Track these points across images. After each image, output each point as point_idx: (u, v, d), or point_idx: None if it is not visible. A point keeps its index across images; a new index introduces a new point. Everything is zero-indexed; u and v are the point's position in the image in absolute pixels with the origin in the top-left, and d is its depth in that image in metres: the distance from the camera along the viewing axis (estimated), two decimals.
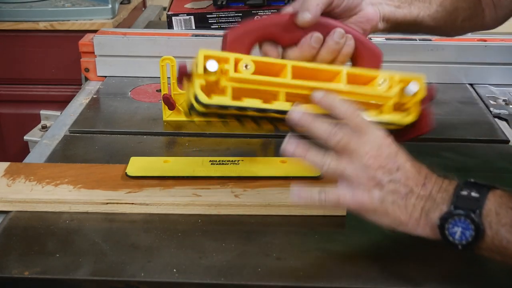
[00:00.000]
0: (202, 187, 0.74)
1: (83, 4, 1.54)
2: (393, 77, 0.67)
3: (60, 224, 0.70)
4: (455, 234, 0.57)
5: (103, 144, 0.91)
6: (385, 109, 0.67)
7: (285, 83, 0.65)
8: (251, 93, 0.65)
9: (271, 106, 0.65)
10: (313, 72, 0.67)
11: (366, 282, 0.62)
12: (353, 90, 0.66)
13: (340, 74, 0.67)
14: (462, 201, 0.57)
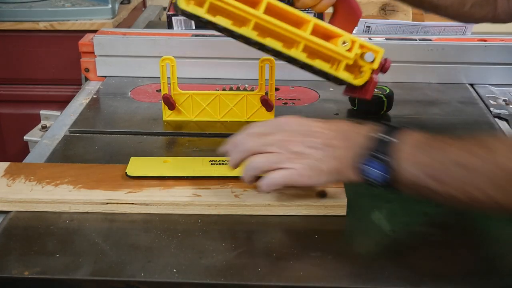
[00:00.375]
0: (202, 187, 0.74)
1: (83, 4, 1.54)
2: (355, 41, 0.75)
3: (60, 224, 0.70)
4: (372, 174, 0.63)
5: (103, 144, 0.91)
6: (340, 66, 0.76)
7: (255, 15, 0.73)
8: (226, 14, 0.73)
9: (239, 30, 0.73)
10: (285, 13, 0.75)
11: (366, 282, 0.62)
12: (315, 40, 0.74)
13: (308, 23, 0.74)
14: (376, 143, 0.63)
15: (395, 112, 1.01)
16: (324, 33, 0.76)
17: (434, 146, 0.61)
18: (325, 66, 0.77)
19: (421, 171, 0.60)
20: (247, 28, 0.74)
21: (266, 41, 0.75)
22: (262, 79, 0.92)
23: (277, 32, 0.75)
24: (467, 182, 0.59)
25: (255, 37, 0.74)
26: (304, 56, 0.76)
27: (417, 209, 0.74)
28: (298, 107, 1.04)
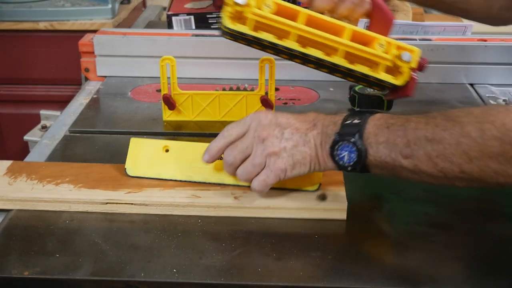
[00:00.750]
0: (202, 189, 0.74)
1: (83, 4, 1.54)
2: (392, 43, 0.79)
3: (60, 224, 0.70)
4: (343, 158, 0.65)
5: (103, 144, 0.91)
6: (380, 68, 0.79)
7: (296, 27, 0.77)
8: (269, 29, 0.78)
9: (282, 43, 0.78)
10: (324, 23, 0.78)
11: (366, 282, 0.62)
12: (354, 45, 0.78)
13: (346, 30, 0.78)
14: (345, 128, 0.65)
15: (395, 112, 1.01)
16: (361, 38, 0.79)
17: (400, 124, 0.63)
18: (365, 69, 0.80)
19: (389, 150, 0.63)
20: (290, 40, 0.78)
21: (308, 50, 0.78)
22: (262, 79, 0.92)
23: (318, 42, 0.78)
24: (435, 155, 0.60)
25: (297, 48, 0.78)
26: (345, 62, 0.79)
27: (417, 209, 0.74)
28: (298, 107, 1.04)
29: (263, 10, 0.77)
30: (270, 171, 0.68)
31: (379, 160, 0.64)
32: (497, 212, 0.74)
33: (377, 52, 0.78)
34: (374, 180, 0.80)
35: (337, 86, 1.12)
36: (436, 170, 0.61)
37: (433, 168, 0.61)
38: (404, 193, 0.77)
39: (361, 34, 0.79)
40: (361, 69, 0.80)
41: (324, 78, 1.13)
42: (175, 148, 0.78)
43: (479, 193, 0.78)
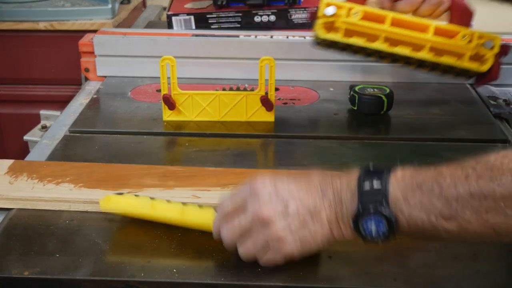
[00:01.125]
0: (202, 189, 0.74)
1: (83, 4, 1.54)
2: (474, 34, 0.86)
3: (60, 224, 0.70)
4: (371, 232, 0.57)
5: (103, 144, 0.91)
6: (465, 58, 0.87)
7: (383, 29, 0.86)
8: (358, 34, 0.87)
9: (372, 45, 0.87)
10: (408, 23, 0.86)
11: (366, 282, 0.62)
12: (438, 40, 0.86)
13: (430, 27, 0.86)
14: (366, 196, 0.56)
15: (395, 112, 1.01)
16: (444, 33, 0.87)
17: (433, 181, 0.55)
18: (451, 61, 0.87)
19: (426, 213, 0.55)
20: (379, 42, 0.86)
21: (397, 49, 0.87)
22: (262, 79, 0.92)
23: (405, 40, 0.86)
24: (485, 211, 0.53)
25: (386, 48, 0.86)
26: (431, 56, 0.86)
27: None
28: (298, 107, 1.04)
29: (351, 17, 0.85)
30: (276, 254, 0.60)
31: (415, 226, 0.55)
32: None
33: (461, 44, 0.85)
34: None
35: (337, 86, 1.12)
36: (486, 228, 0.53)
37: (482, 226, 0.53)
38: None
39: (444, 29, 0.86)
40: (448, 61, 0.87)
41: (324, 78, 1.14)
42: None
43: None
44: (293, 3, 1.23)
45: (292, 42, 1.13)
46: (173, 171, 0.78)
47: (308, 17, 0.91)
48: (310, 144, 0.92)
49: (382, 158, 0.87)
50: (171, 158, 0.90)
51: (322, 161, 0.86)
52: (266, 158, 0.91)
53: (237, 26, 1.24)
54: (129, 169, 0.79)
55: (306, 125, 0.98)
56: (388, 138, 0.94)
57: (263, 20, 1.24)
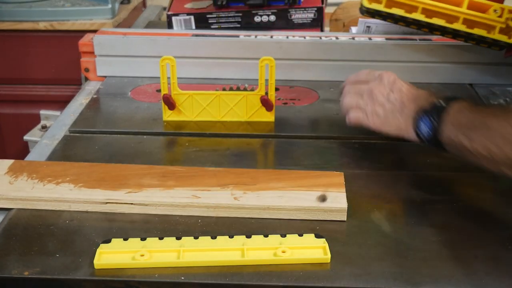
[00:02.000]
0: (202, 189, 0.74)
1: (83, 4, 1.54)
2: (505, 8, 0.94)
3: (60, 224, 0.71)
4: (422, 131, 0.76)
5: (103, 144, 0.91)
6: (495, 30, 0.96)
7: (422, 1, 0.96)
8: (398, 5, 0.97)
9: (410, 15, 0.97)
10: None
11: (366, 282, 0.62)
12: (471, 13, 0.95)
13: (464, 1, 0.95)
14: (431, 107, 0.76)
15: None
16: (477, 6, 0.95)
17: (472, 111, 0.72)
18: (483, 33, 0.96)
19: (457, 131, 0.72)
20: (417, 13, 0.96)
21: (433, 20, 0.96)
22: (262, 79, 0.92)
23: (440, 12, 0.96)
24: (487, 139, 0.68)
25: (423, 19, 0.96)
26: (464, 27, 0.96)
27: (417, 209, 0.74)
28: (298, 107, 1.04)
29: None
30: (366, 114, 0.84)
31: (448, 138, 0.73)
32: (498, 212, 0.74)
33: (492, 17, 0.94)
34: (374, 180, 0.81)
35: (337, 86, 1.12)
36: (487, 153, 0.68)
37: (485, 151, 0.68)
38: (404, 193, 0.77)
39: (477, 2, 0.95)
40: (480, 32, 0.96)
41: (324, 78, 1.14)
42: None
43: (480, 193, 0.78)
44: (293, 3, 1.23)
45: (292, 42, 1.13)
46: (173, 171, 0.78)
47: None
48: (310, 144, 0.92)
49: (382, 158, 0.87)
50: (171, 158, 0.90)
51: (322, 161, 0.86)
52: (266, 158, 0.91)
53: (237, 26, 1.24)
54: (129, 169, 0.79)
55: (306, 125, 0.98)
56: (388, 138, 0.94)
57: (263, 20, 1.24)
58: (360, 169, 0.84)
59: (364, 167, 0.84)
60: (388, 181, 0.81)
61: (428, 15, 0.97)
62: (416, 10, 0.97)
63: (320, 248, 0.65)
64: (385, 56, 1.11)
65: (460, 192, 0.78)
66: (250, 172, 0.79)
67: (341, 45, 1.12)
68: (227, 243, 0.66)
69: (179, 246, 0.65)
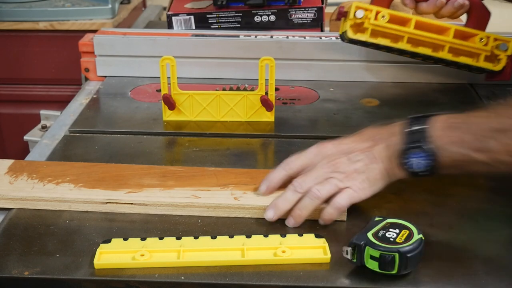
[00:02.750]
0: (202, 189, 0.74)
1: (83, 4, 1.54)
2: (490, 37, 0.95)
3: (60, 224, 0.71)
4: (413, 165, 0.68)
5: (103, 144, 0.91)
6: (481, 58, 0.96)
7: (407, 31, 0.94)
8: (384, 35, 0.95)
9: (396, 45, 0.96)
10: (429, 25, 0.94)
11: (366, 282, 0.62)
12: (458, 42, 0.95)
13: (450, 30, 0.94)
14: (409, 137, 0.68)
15: (395, 112, 1.01)
16: (462, 35, 0.95)
17: (462, 122, 0.67)
18: (468, 61, 0.97)
19: (462, 148, 0.65)
20: (402, 42, 0.95)
21: (419, 49, 0.96)
22: (262, 79, 0.92)
23: (426, 41, 0.95)
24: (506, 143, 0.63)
25: (409, 48, 0.95)
26: (450, 56, 0.96)
27: (417, 209, 0.74)
28: (298, 107, 1.04)
29: (379, 20, 0.93)
30: (352, 191, 0.69)
31: (451, 160, 0.66)
32: (498, 212, 0.74)
33: (477, 45, 0.94)
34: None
35: (337, 86, 1.12)
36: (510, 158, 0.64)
37: (506, 155, 0.64)
38: (404, 193, 0.77)
39: (462, 31, 0.95)
40: (465, 61, 0.97)
41: (324, 78, 1.14)
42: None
43: (479, 193, 0.78)
44: (293, 3, 1.23)
45: (292, 42, 1.13)
46: (173, 171, 0.78)
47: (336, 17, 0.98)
48: (310, 144, 0.91)
49: None
50: (171, 158, 0.90)
51: None
52: (266, 158, 0.91)
53: (237, 26, 1.24)
54: (129, 169, 0.79)
55: (306, 125, 0.98)
56: None
57: (263, 20, 1.24)
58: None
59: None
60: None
61: (414, 45, 0.96)
62: (401, 39, 0.95)
63: (320, 248, 0.65)
64: (385, 56, 1.11)
65: (460, 192, 0.78)
66: (250, 172, 0.79)
67: (341, 45, 1.12)
68: (227, 243, 0.66)
69: (179, 246, 0.65)
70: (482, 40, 0.95)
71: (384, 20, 0.93)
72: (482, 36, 0.95)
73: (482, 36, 0.95)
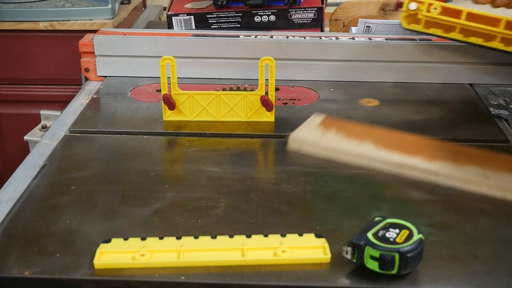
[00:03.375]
0: (493, 170, 0.80)
1: (83, 4, 1.54)
2: None
3: (60, 224, 0.71)
4: None
5: (103, 144, 0.91)
6: None
7: (459, 22, 0.96)
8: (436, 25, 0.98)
9: (448, 35, 0.98)
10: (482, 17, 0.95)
11: (366, 282, 0.62)
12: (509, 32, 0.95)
13: (501, 21, 0.95)
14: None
15: (395, 112, 1.01)
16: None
17: None
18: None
19: None
20: (455, 33, 0.97)
21: (471, 39, 0.98)
22: (262, 79, 0.92)
23: (478, 32, 0.97)
24: None
25: (461, 38, 0.98)
26: (502, 45, 0.97)
27: (417, 209, 0.74)
28: (298, 107, 1.04)
29: (431, 12, 0.96)
30: None
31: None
32: (497, 212, 0.74)
33: None
34: (374, 180, 0.81)
35: (337, 86, 1.12)
36: None
37: None
38: (404, 193, 0.77)
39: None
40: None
41: (324, 78, 1.14)
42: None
43: (479, 193, 0.78)
44: (293, 3, 1.23)
45: (292, 42, 1.13)
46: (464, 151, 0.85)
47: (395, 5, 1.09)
48: None
49: None
50: (171, 158, 0.90)
51: (322, 161, 0.86)
52: (266, 158, 0.91)
53: (237, 26, 1.24)
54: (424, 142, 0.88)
55: None
56: None
57: (263, 20, 1.24)
58: (360, 169, 0.84)
59: (364, 167, 0.84)
60: (388, 181, 0.81)
61: (466, 35, 0.98)
62: (453, 30, 0.98)
63: (320, 248, 0.65)
64: (385, 56, 1.11)
65: (460, 192, 0.78)
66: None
67: (341, 45, 1.12)
68: (227, 243, 0.66)
69: (179, 246, 0.65)
70: None
71: (436, 12, 0.96)
72: None
73: None
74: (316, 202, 0.76)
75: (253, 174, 0.83)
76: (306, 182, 0.80)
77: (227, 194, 0.77)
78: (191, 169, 0.83)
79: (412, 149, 0.84)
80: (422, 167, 0.81)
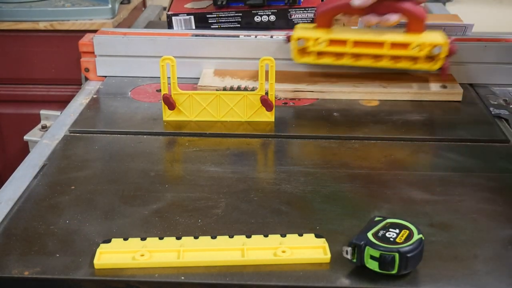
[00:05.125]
0: None
1: (83, 4, 1.53)
2: (425, 43, 1.02)
3: (60, 224, 0.71)
4: None
5: (103, 144, 0.91)
6: (419, 61, 1.04)
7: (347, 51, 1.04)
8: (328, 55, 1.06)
9: (340, 62, 1.06)
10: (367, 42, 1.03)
11: (366, 282, 0.62)
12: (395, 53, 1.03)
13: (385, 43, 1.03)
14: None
15: (395, 111, 1.01)
16: (399, 45, 1.03)
17: None
18: (407, 65, 1.05)
19: None
20: (345, 59, 1.05)
21: (360, 62, 1.05)
22: (262, 79, 0.92)
23: (366, 55, 1.04)
24: None
25: (352, 63, 1.05)
26: (391, 64, 1.04)
27: (417, 209, 0.74)
28: (298, 107, 1.04)
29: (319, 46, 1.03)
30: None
31: None
32: (498, 211, 0.74)
33: (413, 53, 1.02)
34: (374, 180, 0.81)
35: None
36: None
37: None
38: (404, 193, 0.77)
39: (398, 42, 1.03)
40: (405, 66, 1.06)
41: None
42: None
43: (479, 193, 0.78)
44: (293, 3, 1.23)
45: None
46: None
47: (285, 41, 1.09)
48: (310, 144, 0.92)
49: (382, 158, 0.87)
50: (171, 158, 0.90)
51: (322, 161, 0.86)
52: (266, 158, 0.91)
53: (237, 26, 1.24)
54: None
55: (306, 125, 0.98)
56: (388, 138, 0.94)
57: (263, 20, 1.24)
58: (360, 169, 0.84)
59: (364, 167, 0.84)
60: (389, 181, 0.81)
61: (356, 59, 1.05)
62: (343, 56, 1.05)
63: (320, 248, 0.65)
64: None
65: (460, 192, 0.78)
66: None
67: None
68: (227, 243, 0.66)
69: (179, 246, 0.65)
70: (416, 48, 1.02)
71: (323, 45, 1.03)
72: (417, 44, 1.02)
73: (416, 43, 1.02)
74: (316, 202, 0.76)
75: (253, 174, 0.83)
76: (306, 182, 0.80)
77: (227, 194, 0.77)
78: (191, 169, 0.83)
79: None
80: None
